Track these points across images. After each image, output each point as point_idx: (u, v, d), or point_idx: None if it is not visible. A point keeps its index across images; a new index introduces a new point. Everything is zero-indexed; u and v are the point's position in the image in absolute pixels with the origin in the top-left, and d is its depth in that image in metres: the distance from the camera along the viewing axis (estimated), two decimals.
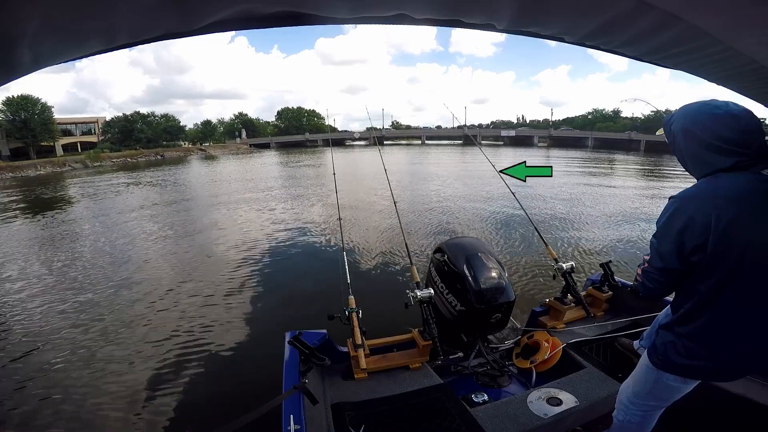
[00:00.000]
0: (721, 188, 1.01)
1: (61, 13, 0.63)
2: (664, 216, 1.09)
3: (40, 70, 0.79)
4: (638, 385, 1.36)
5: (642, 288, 1.22)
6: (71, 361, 3.61)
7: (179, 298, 4.99)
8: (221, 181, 19.06)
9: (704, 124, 1.06)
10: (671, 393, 1.29)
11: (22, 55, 0.67)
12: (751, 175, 1.00)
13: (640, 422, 1.41)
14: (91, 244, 7.79)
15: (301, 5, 0.89)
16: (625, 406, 1.43)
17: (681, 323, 1.15)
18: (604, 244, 6.63)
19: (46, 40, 0.68)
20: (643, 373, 1.33)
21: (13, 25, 0.59)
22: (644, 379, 1.32)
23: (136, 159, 37.91)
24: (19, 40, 0.63)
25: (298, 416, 1.49)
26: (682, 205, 1.05)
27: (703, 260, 1.03)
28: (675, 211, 1.06)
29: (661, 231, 1.10)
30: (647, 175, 19.10)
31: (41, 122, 39.24)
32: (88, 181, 21.02)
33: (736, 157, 1.01)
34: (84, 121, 50.80)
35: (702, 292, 1.07)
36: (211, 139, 58.57)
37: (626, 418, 1.44)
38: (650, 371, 1.27)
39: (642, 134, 47.11)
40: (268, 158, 36.34)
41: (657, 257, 1.13)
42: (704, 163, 1.07)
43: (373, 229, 7.91)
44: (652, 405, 1.36)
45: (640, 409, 1.39)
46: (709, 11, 0.78)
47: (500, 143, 56.04)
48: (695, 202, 1.03)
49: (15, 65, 0.71)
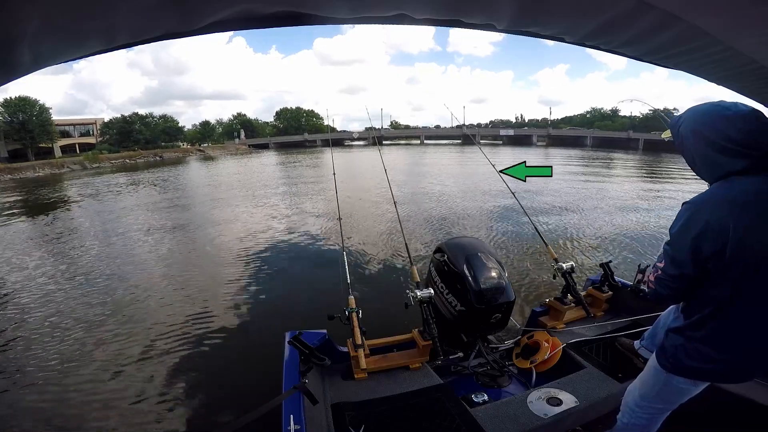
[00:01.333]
0: (737, 192, 0.98)
1: (61, 13, 0.63)
2: (678, 222, 1.07)
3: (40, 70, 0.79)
4: (646, 387, 1.35)
5: (654, 295, 1.20)
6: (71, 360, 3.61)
7: (179, 298, 4.98)
8: (220, 182, 19.05)
9: (713, 125, 1.04)
10: (680, 395, 1.28)
11: (22, 55, 0.67)
12: (765, 177, 0.98)
13: (645, 425, 1.40)
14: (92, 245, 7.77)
15: (301, 5, 0.88)
16: (631, 409, 1.42)
17: (693, 328, 1.14)
18: (602, 242, 6.63)
19: (46, 40, 0.68)
20: (651, 375, 1.32)
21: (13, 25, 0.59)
22: (652, 381, 1.31)
23: (134, 160, 37.87)
24: (19, 40, 0.62)
25: (298, 416, 1.49)
26: (697, 211, 1.02)
27: (718, 266, 1.00)
28: (690, 216, 1.03)
29: (675, 238, 1.08)
30: (649, 174, 19.11)
31: (39, 124, 39.06)
32: (87, 182, 20.99)
33: (747, 159, 0.99)
34: (82, 123, 50.64)
35: (716, 297, 1.06)
36: (209, 140, 58.45)
37: (631, 420, 1.43)
38: (659, 374, 1.26)
39: (640, 133, 47.26)
40: (267, 158, 36.36)
41: (671, 264, 1.10)
42: (715, 166, 1.05)
43: (373, 228, 7.91)
44: (659, 408, 1.36)
45: (647, 412, 1.38)
46: (710, 11, 0.78)
47: (499, 142, 56.12)
48: (710, 207, 1.01)
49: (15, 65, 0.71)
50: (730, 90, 1.12)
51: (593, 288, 2.64)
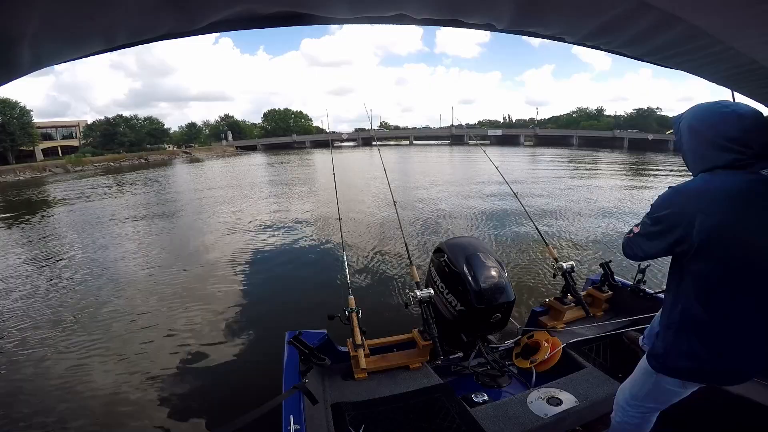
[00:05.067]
0: (717, 184, 1.02)
1: (61, 13, 0.62)
2: (658, 201, 1.12)
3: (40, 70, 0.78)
4: (636, 387, 1.37)
5: (624, 249, 1.27)
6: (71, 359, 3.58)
7: (178, 298, 4.93)
8: (209, 184, 18.80)
9: (709, 122, 1.08)
10: (669, 396, 1.29)
11: (21, 55, 0.66)
12: (748, 174, 1.01)
13: (638, 423, 1.41)
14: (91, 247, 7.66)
15: (301, 5, 0.88)
16: (622, 408, 1.43)
17: (680, 325, 1.15)
18: (600, 241, 6.66)
19: (46, 40, 0.67)
20: (641, 375, 1.33)
21: (12, 25, 0.58)
22: (642, 381, 1.33)
23: (119, 163, 37.12)
24: (19, 40, 0.61)
25: (298, 416, 1.48)
26: (675, 196, 1.08)
27: (688, 253, 1.04)
28: (668, 198, 1.10)
29: (653, 212, 1.13)
30: (635, 172, 19.46)
31: (20, 126, 38.03)
32: (71, 186, 20.51)
33: (735, 155, 1.02)
34: (65, 125, 49.68)
35: (693, 292, 1.09)
36: (196, 142, 57.79)
37: (624, 419, 1.44)
38: (649, 374, 1.27)
39: (625, 132, 48.20)
40: (255, 160, 36.08)
41: (645, 236, 1.16)
42: (702, 159, 1.09)
43: (372, 228, 7.90)
44: (650, 407, 1.36)
45: (638, 411, 1.39)
46: (710, 11, 0.78)
47: (487, 142, 56.52)
48: (687, 195, 1.06)
49: (15, 65, 0.70)
50: (730, 90, 1.13)
51: (593, 288, 2.65)
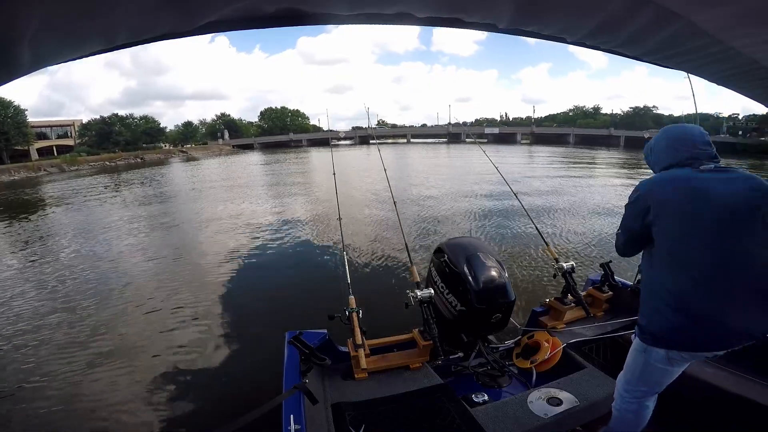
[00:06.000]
0: (667, 177, 1.37)
1: (61, 13, 0.62)
2: (631, 195, 1.44)
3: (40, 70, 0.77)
4: (629, 371, 1.50)
5: (616, 247, 1.56)
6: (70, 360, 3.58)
7: (178, 298, 4.92)
8: (207, 184, 18.73)
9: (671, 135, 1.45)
10: (659, 376, 1.43)
11: (22, 55, 0.66)
12: (689, 169, 1.33)
13: (636, 410, 1.52)
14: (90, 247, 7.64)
15: (301, 4, 0.88)
16: (621, 394, 1.56)
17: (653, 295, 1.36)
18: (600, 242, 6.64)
19: (46, 40, 0.67)
20: (633, 358, 1.48)
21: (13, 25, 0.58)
22: (633, 363, 1.47)
23: (114, 162, 36.95)
24: (19, 40, 0.61)
25: (299, 416, 1.48)
26: (641, 187, 1.40)
27: (650, 230, 1.33)
28: (634, 190, 1.42)
29: (626, 206, 1.46)
30: (634, 170, 19.53)
31: (14, 125, 37.62)
32: (66, 185, 20.39)
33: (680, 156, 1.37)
34: (60, 124, 49.19)
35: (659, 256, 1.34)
36: (192, 141, 57.46)
37: (623, 406, 1.55)
38: (638, 355, 1.43)
39: (622, 130, 48.31)
40: (252, 158, 36.00)
41: (622, 225, 1.48)
42: (660, 160, 1.45)
43: (372, 228, 7.89)
44: (644, 390, 1.48)
45: (634, 396, 1.50)
46: (710, 11, 0.78)
47: (484, 141, 56.57)
48: (647, 185, 1.39)
49: (15, 65, 0.70)
50: (730, 90, 1.14)
51: (593, 288, 2.64)
